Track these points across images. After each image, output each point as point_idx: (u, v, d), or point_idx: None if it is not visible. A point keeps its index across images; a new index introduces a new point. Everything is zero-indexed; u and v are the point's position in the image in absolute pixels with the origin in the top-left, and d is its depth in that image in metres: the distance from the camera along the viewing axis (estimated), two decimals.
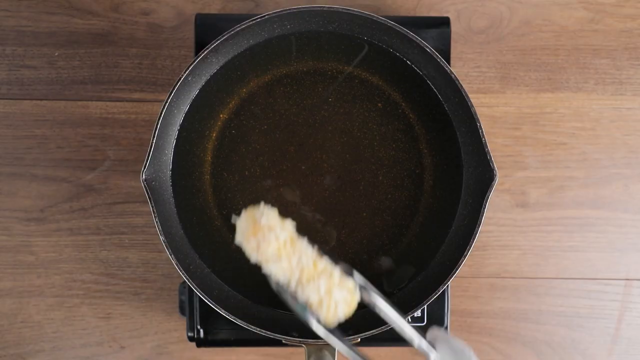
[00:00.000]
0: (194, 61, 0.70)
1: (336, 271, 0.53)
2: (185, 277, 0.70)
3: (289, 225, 0.55)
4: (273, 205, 0.65)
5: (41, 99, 0.82)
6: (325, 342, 0.70)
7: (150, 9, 0.82)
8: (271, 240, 0.53)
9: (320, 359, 0.71)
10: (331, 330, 0.52)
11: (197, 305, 0.76)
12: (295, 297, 0.52)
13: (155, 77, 0.82)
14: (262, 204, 0.55)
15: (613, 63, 0.83)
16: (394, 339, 0.78)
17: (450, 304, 0.79)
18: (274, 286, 0.54)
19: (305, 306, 0.53)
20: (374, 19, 0.69)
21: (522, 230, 0.72)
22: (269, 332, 0.70)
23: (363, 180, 0.76)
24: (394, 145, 0.76)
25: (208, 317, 0.76)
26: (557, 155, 0.83)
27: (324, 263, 0.53)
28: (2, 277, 0.82)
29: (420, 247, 0.76)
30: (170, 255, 0.69)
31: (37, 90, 0.82)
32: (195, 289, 0.70)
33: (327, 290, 0.53)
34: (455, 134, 0.74)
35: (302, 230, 0.59)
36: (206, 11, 0.82)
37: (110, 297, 0.83)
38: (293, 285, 0.53)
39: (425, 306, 0.73)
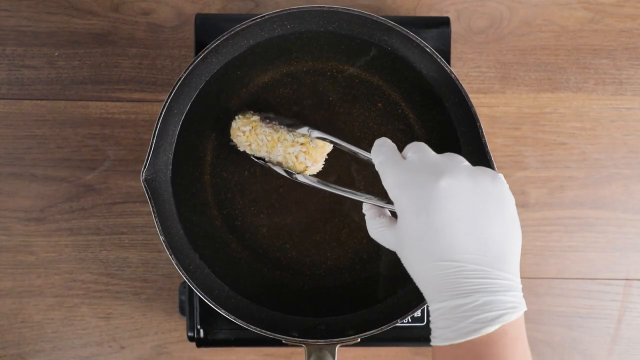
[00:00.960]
0: (194, 61, 0.70)
1: (289, 135, 0.69)
2: (185, 277, 0.70)
3: (254, 118, 0.72)
4: (274, 204, 0.69)
5: (41, 99, 0.82)
6: (325, 342, 0.70)
7: (150, 9, 0.82)
8: (240, 135, 0.71)
9: (320, 359, 0.71)
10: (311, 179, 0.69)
11: (197, 305, 0.76)
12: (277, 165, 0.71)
13: (155, 77, 0.82)
14: (239, 115, 0.73)
15: (613, 63, 0.83)
16: (394, 339, 0.79)
17: None
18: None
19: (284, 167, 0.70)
20: (374, 19, 0.69)
21: (522, 230, 0.71)
22: (269, 332, 0.70)
23: (363, 180, 0.76)
24: None
25: (208, 317, 0.76)
26: (557, 155, 0.83)
27: (279, 133, 0.70)
28: (2, 277, 0.82)
29: None
30: (170, 255, 0.69)
31: (37, 90, 0.82)
32: (195, 289, 0.70)
33: (285, 150, 0.69)
34: (455, 134, 0.74)
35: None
36: (206, 11, 0.82)
37: (110, 297, 0.82)
38: (267, 156, 0.71)
39: (426, 306, 0.73)
